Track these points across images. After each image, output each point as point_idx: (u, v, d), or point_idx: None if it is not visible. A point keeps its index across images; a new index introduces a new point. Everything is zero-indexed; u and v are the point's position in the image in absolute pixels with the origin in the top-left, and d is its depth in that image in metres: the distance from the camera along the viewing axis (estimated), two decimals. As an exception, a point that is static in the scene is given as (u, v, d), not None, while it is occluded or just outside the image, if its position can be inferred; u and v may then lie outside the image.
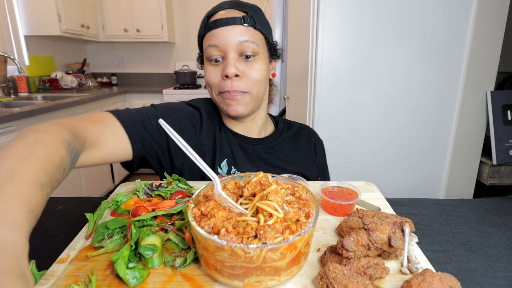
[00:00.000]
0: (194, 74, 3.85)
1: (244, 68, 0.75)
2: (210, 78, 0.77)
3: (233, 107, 0.77)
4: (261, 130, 0.88)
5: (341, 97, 1.67)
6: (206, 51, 0.76)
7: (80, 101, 2.55)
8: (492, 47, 1.63)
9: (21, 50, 2.83)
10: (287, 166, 0.86)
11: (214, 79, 0.76)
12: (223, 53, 0.74)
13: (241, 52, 0.74)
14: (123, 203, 0.59)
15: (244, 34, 0.74)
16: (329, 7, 1.54)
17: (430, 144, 1.76)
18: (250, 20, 0.75)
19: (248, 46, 0.74)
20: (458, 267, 0.50)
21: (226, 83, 0.74)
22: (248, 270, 0.38)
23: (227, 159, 0.80)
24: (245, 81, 0.75)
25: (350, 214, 0.54)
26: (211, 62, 0.76)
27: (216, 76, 0.76)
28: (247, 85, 0.75)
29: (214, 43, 0.74)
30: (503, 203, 0.73)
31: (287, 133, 0.92)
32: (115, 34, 3.60)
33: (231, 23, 0.73)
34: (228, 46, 0.73)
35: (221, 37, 0.73)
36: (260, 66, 0.77)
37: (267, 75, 0.81)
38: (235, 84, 0.74)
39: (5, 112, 1.83)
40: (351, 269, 0.40)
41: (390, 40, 1.59)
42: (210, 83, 0.78)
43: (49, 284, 0.42)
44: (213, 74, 0.76)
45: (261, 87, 0.79)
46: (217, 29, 0.74)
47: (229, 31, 0.73)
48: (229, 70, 0.72)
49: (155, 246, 0.45)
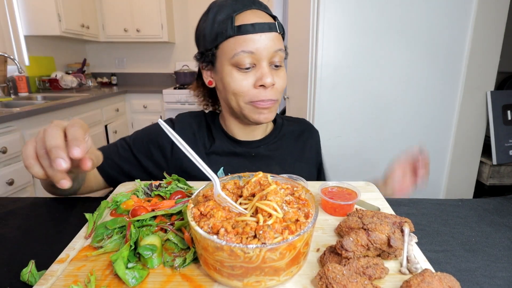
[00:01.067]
0: (194, 74, 3.83)
1: (275, 76, 0.73)
2: (239, 86, 0.71)
3: (265, 115, 0.74)
4: (263, 132, 0.88)
5: (341, 97, 1.67)
6: (237, 56, 0.69)
7: (80, 101, 2.55)
8: (492, 47, 1.63)
9: (21, 50, 2.83)
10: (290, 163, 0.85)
11: (243, 88, 0.71)
12: (256, 60, 0.70)
13: (272, 61, 0.71)
14: (122, 203, 0.59)
15: (279, 42, 0.71)
16: (329, 7, 1.54)
17: (430, 144, 1.76)
18: (280, 27, 0.72)
19: (280, 56, 0.72)
20: (458, 267, 0.50)
21: (260, 92, 0.71)
22: (247, 270, 0.38)
23: (223, 167, 0.80)
24: (276, 89, 0.73)
25: (350, 214, 0.54)
26: (241, 69, 0.70)
27: (247, 84, 0.71)
28: (276, 94, 0.74)
29: (250, 50, 0.68)
30: (503, 203, 0.73)
31: (286, 128, 0.91)
32: (115, 34, 3.61)
33: (267, 29, 0.69)
34: (264, 54, 0.69)
35: (258, 44, 0.68)
36: (284, 74, 0.76)
37: None
38: (270, 94, 0.72)
39: (5, 112, 1.83)
40: (350, 269, 0.40)
41: (390, 41, 1.59)
42: (238, 92, 0.72)
43: (48, 284, 0.41)
44: (243, 82, 0.71)
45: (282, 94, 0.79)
46: (256, 35, 0.68)
47: (267, 38, 0.69)
48: (268, 80, 0.69)
49: (154, 246, 0.45)
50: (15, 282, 0.47)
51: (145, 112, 3.58)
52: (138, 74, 4.12)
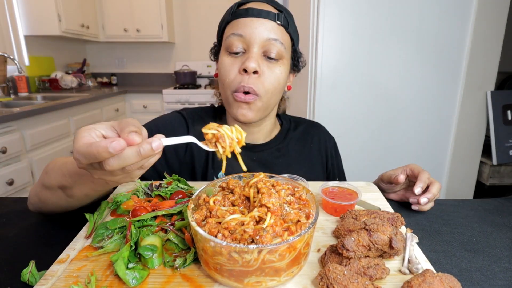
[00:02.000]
0: (194, 74, 3.84)
1: (265, 67, 0.68)
2: (225, 71, 0.69)
3: (243, 110, 0.70)
4: (266, 136, 0.83)
5: (341, 97, 1.67)
6: (228, 39, 0.68)
7: (80, 101, 2.55)
8: (492, 47, 1.63)
9: (21, 50, 2.83)
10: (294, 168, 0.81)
11: (230, 73, 0.68)
12: (246, 46, 0.67)
13: (265, 51, 0.68)
14: (123, 203, 0.59)
15: (275, 32, 0.67)
16: (329, 7, 1.53)
17: (430, 144, 1.76)
18: (284, 20, 0.69)
19: (275, 46, 0.67)
20: (458, 267, 0.50)
21: (243, 78, 0.67)
22: (247, 271, 0.38)
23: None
24: (262, 81, 0.68)
25: (343, 216, 0.53)
26: (231, 54, 0.69)
27: (232, 70, 0.68)
28: (262, 86, 0.68)
29: (239, 32, 0.67)
30: (504, 204, 0.73)
31: (293, 132, 0.87)
32: (115, 34, 3.60)
33: (264, 15, 0.67)
34: (254, 39, 0.66)
35: (249, 28, 0.66)
36: (281, 71, 0.70)
37: (284, 85, 0.74)
38: (252, 81, 0.67)
39: (5, 112, 1.83)
40: (351, 270, 0.40)
41: (391, 41, 1.59)
42: (224, 78, 0.69)
43: (48, 284, 0.41)
44: (229, 67, 0.68)
45: (274, 96, 0.72)
46: (247, 18, 0.67)
47: (260, 24, 0.66)
48: (250, 64, 0.65)
49: (155, 247, 0.45)
50: (16, 282, 0.46)
51: (145, 112, 3.58)
52: (138, 74, 4.12)
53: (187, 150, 0.79)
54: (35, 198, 0.63)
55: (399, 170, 0.72)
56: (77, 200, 0.59)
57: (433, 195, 0.65)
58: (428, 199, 0.64)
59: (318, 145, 0.87)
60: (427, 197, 0.64)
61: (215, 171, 0.78)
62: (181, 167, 0.79)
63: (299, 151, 0.84)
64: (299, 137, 0.86)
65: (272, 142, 0.83)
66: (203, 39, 3.88)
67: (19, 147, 1.88)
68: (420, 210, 0.68)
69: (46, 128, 2.13)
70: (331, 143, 0.90)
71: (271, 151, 0.82)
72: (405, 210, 0.69)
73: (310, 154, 0.85)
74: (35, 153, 2.04)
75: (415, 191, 0.65)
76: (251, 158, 0.80)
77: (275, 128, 0.86)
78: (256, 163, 0.80)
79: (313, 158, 0.85)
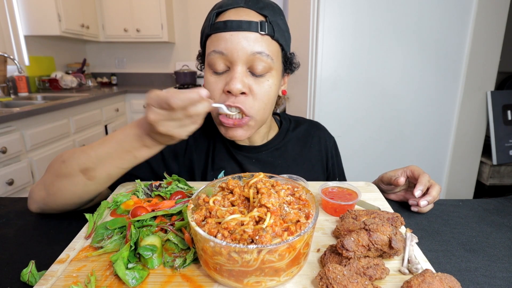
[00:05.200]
0: (194, 74, 3.85)
1: (252, 83, 0.64)
2: (210, 90, 0.65)
3: (233, 132, 0.67)
4: (263, 137, 0.81)
5: (341, 97, 1.67)
6: (209, 57, 0.64)
7: (80, 101, 2.55)
8: (492, 47, 1.63)
9: (21, 50, 2.83)
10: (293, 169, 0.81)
11: (214, 93, 0.65)
12: (229, 63, 0.63)
13: (250, 66, 0.63)
14: (122, 203, 0.59)
15: (259, 44, 0.62)
16: (329, 7, 1.54)
17: (430, 144, 1.76)
18: (269, 28, 0.62)
19: (261, 60, 0.62)
20: (458, 267, 0.50)
21: (228, 98, 0.63)
22: (247, 271, 0.38)
23: (225, 170, 0.77)
24: (251, 100, 0.64)
25: (343, 216, 0.53)
26: (215, 72, 0.65)
27: (217, 89, 0.64)
28: (252, 106, 0.64)
29: (220, 50, 0.62)
30: (503, 204, 0.73)
31: (293, 132, 0.85)
32: (115, 34, 3.60)
33: (245, 28, 0.61)
34: (237, 56, 0.61)
35: (229, 44, 0.61)
36: (270, 84, 0.65)
37: (276, 94, 0.69)
38: (240, 101, 0.63)
39: (5, 112, 1.83)
40: (351, 270, 0.40)
41: (390, 41, 1.59)
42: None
43: (48, 284, 0.41)
44: (213, 86, 0.65)
45: (267, 110, 0.68)
46: (227, 33, 0.61)
47: (241, 38, 0.61)
48: (234, 86, 0.61)
49: (154, 247, 0.45)
50: (15, 282, 0.46)
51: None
52: (138, 74, 4.12)
53: (186, 152, 0.79)
54: (41, 193, 0.61)
55: (399, 172, 0.71)
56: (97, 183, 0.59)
57: (433, 198, 0.65)
58: (428, 202, 0.64)
59: (319, 145, 0.86)
60: (427, 200, 0.64)
61: (215, 173, 0.77)
62: (180, 169, 0.79)
63: (299, 151, 0.84)
64: (299, 137, 0.85)
65: (271, 143, 0.82)
66: (203, 39, 3.87)
67: (19, 147, 1.88)
68: (419, 211, 0.68)
69: (46, 128, 2.13)
70: (331, 143, 0.89)
71: (270, 151, 0.81)
72: (405, 210, 0.69)
73: (310, 154, 0.85)
74: (35, 153, 2.04)
75: (415, 194, 0.65)
76: (250, 160, 0.79)
77: (272, 128, 0.85)
78: (255, 164, 0.79)
79: (313, 158, 0.85)
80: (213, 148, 0.79)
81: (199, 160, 0.78)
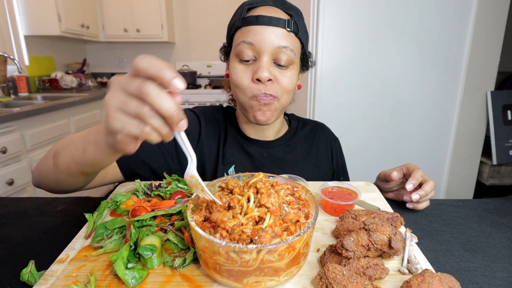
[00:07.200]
0: (194, 74, 3.84)
1: (276, 73, 0.70)
2: (240, 78, 0.71)
3: (263, 112, 0.72)
4: (276, 133, 0.86)
5: (341, 97, 1.67)
6: (238, 47, 0.70)
7: (80, 101, 2.55)
8: (492, 47, 1.63)
9: (21, 50, 2.83)
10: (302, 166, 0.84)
11: (243, 80, 0.71)
12: (256, 54, 0.69)
13: (275, 58, 0.69)
14: (122, 203, 0.59)
15: (285, 39, 0.69)
16: (329, 7, 1.53)
17: (430, 144, 1.76)
18: (294, 26, 0.70)
19: (285, 54, 0.69)
20: (458, 267, 0.50)
21: (258, 87, 0.70)
22: (246, 271, 0.38)
23: (235, 165, 0.79)
24: (277, 85, 0.71)
25: (342, 216, 0.53)
26: (242, 61, 0.71)
27: (245, 77, 0.70)
28: (277, 90, 0.71)
29: (250, 41, 0.68)
30: (503, 204, 0.73)
31: (301, 131, 0.90)
32: (115, 34, 3.60)
33: (274, 23, 0.68)
34: (265, 48, 0.68)
35: (259, 36, 0.67)
36: (291, 74, 0.72)
37: (295, 85, 0.76)
38: (269, 88, 0.70)
39: (5, 112, 1.83)
40: (350, 270, 0.40)
41: (390, 41, 1.59)
42: (239, 84, 0.72)
43: (48, 284, 0.41)
44: (243, 74, 0.71)
45: (289, 96, 0.75)
46: (257, 26, 0.68)
47: (270, 32, 0.67)
48: (262, 74, 0.67)
49: (154, 246, 0.45)
50: (15, 282, 0.47)
51: (145, 112, 3.58)
52: (138, 74, 4.12)
53: (197, 147, 0.80)
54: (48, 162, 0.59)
55: (396, 169, 0.72)
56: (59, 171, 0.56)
57: (425, 192, 0.65)
58: (420, 196, 0.64)
59: (325, 144, 0.91)
60: (419, 194, 0.64)
61: (225, 167, 0.79)
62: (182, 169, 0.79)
63: (306, 148, 0.88)
64: (306, 136, 0.90)
65: (282, 139, 0.86)
66: (203, 39, 3.88)
67: (19, 147, 1.88)
68: (414, 208, 0.68)
69: (46, 128, 2.13)
70: (336, 144, 0.94)
71: (281, 147, 0.85)
72: (405, 210, 0.69)
73: (317, 152, 0.89)
74: (35, 153, 2.04)
75: (406, 188, 0.65)
76: (262, 154, 0.82)
77: (283, 126, 0.90)
78: (267, 158, 0.82)
79: (320, 156, 0.89)
80: (224, 143, 0.82)
81: (210, 154, 0.80)
